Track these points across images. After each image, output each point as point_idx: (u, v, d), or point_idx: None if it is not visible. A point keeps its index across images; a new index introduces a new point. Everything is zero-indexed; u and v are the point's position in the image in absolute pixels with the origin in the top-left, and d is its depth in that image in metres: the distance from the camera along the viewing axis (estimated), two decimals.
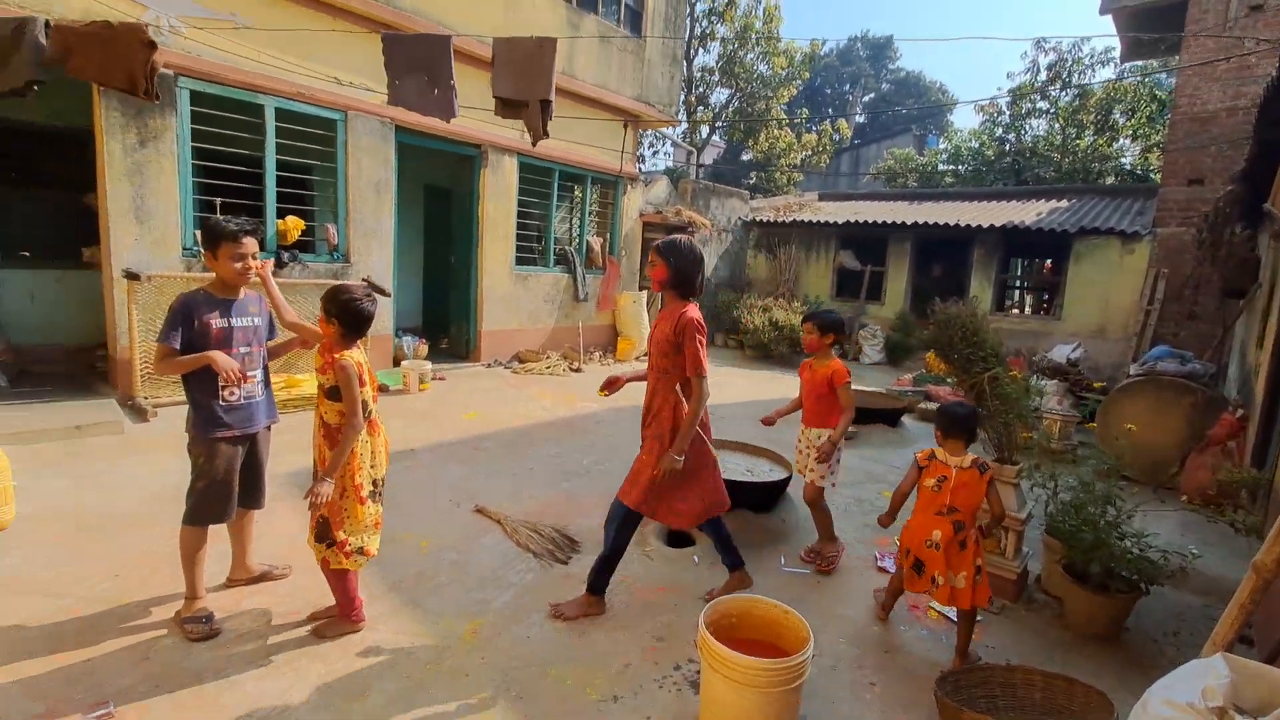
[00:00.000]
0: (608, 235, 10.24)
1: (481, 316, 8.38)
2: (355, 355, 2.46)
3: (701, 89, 18.31)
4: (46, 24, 2.50)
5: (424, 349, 7.80)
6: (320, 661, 2.45)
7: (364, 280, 6.75)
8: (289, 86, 6.10)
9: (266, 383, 2.75)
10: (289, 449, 4.06)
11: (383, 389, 6.64)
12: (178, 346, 2.47)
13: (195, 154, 5.68)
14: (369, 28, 6.52)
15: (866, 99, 35.18)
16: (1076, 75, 16.66)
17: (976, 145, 18.04)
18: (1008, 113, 17.72)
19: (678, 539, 3.68)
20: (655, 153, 21.39)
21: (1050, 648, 2.92)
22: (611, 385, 3.07)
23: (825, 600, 3.20)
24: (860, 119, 34.06)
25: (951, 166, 18.52)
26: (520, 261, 8.83)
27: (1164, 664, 2.77)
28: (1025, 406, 3.41)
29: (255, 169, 6.03)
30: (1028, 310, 14.07)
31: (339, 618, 2.62)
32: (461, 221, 8.49)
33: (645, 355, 9.64)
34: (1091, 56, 16.47)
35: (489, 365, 8.39)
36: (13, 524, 3.27)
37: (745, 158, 27.58)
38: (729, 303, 11.95)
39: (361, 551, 2.51)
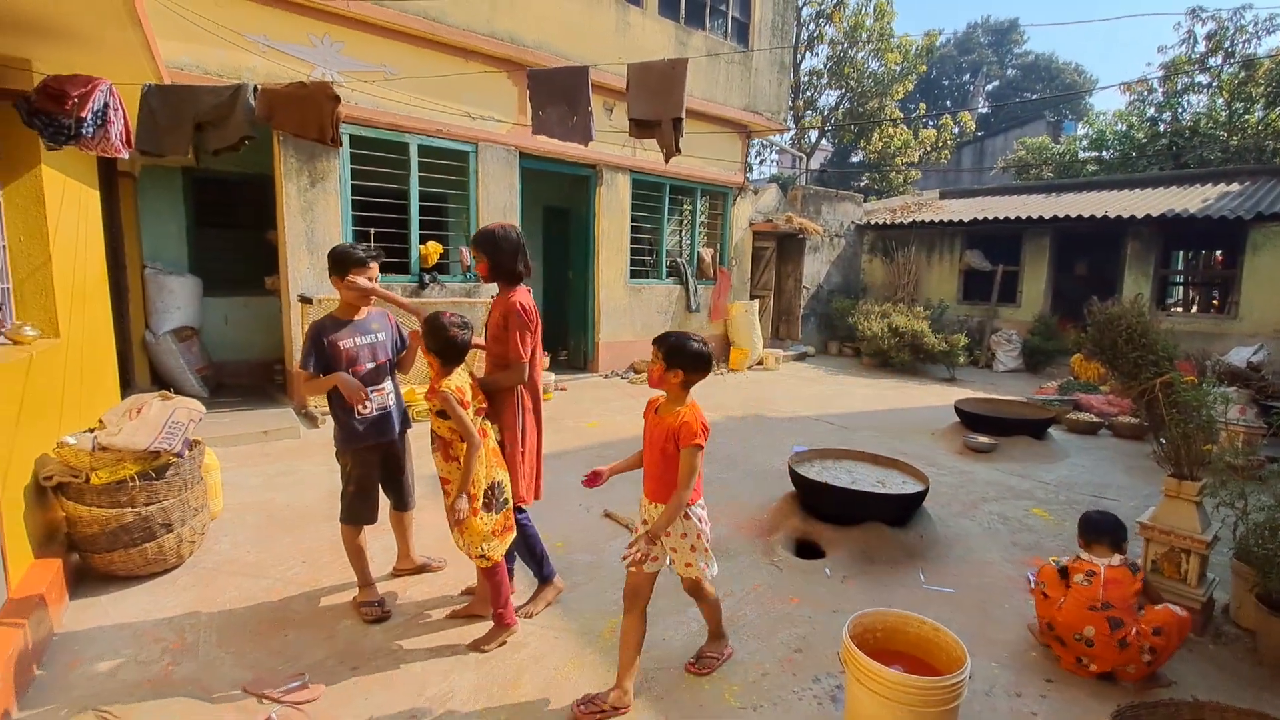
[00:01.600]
0: (718, 246, 10.27)
1: (598, 328, 8.69)
2: (454, 381, 2.53)
3: (810, 93, 17.93)
4: (255, 88, 2.98)
5: (546, 360, 8.20)
6: (476, 650, 2.65)
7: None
8: (429, 125, 6.72)
9: (397, 393, 2.95)
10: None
11: None
12: (313, 370, 2.70)
13: (353, 190, 6.40)
14: (497, 66, 7.07)
15: (990, 88, 32.78)
16: (1240, 45, 14.59)
17: (1124, 128, 16.24)
18: (1160, 90, 15.82)
19: (806, 550, 3.62)
20: (762, 160, 21.18)
21: (1241, 685, 2.57)
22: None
23: (973, 622, 3.02)
24: (983, 109, 31.77)
25: (1094, 153, 16.77)
26: (634, 275, 9.08)
27: None
28: (1208, 415, 3.03)
29: (400, 200, 6.69)
30: (1194, 308, 12.43)
31: (494, 626, 2.72)
32: (578, 238, 8.87)
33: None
34: (1256, 24, 14.41)
35: (606, 376, 8.67)
36: (222, 514, 3.82)
37: (855, 159, 26.62)
38: (843, 309, 11.56)
39: (484, 557, 2.60)
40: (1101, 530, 2.65)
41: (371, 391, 2.78)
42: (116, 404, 4.28)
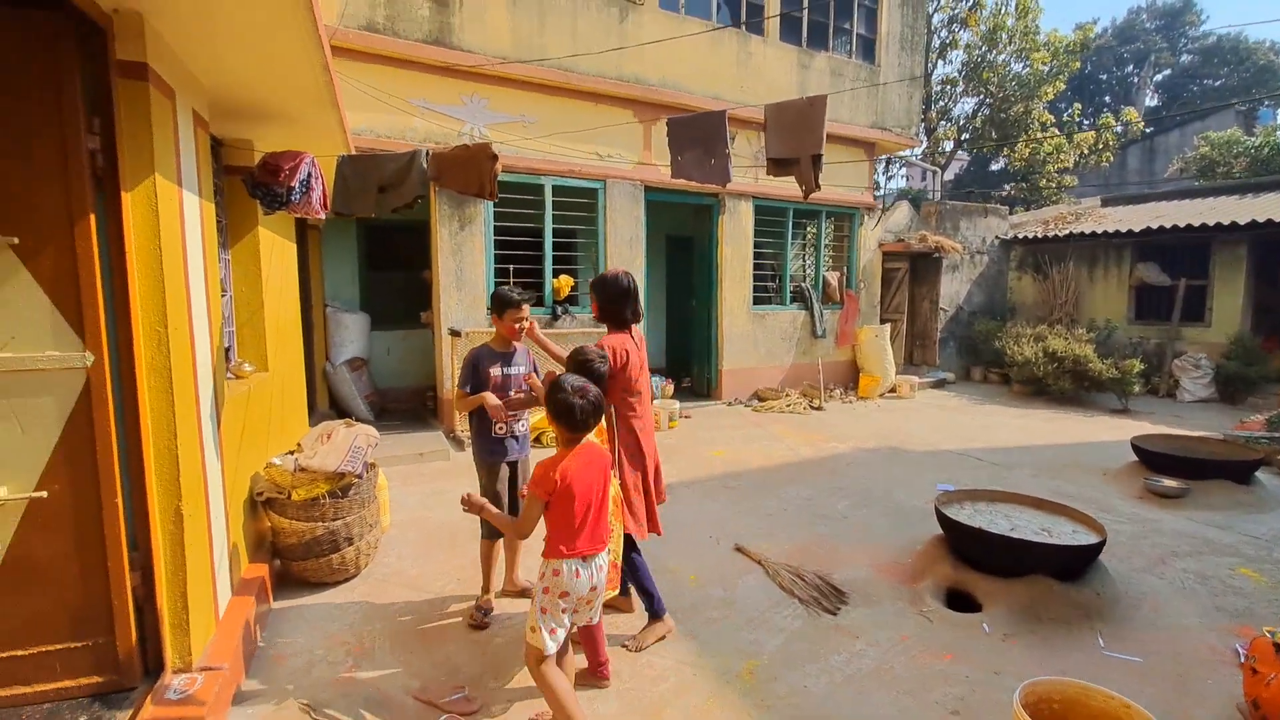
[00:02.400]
0: (844, 268, 9.93)
1: (722, 356, 8.69)
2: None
3: (943, 102, 16.94)
4: (427, 153, 3.38)
5: (670, 388, 8.33)
6: (616, 679, 2.72)
7: None
8: (562, 166, 7.17)
9: (525, 421, 3.32)
10: None
11: None
12: (468, 390, 3.10)
13: (495, 231, 6.95)
14: (624, 106, 7.43)
15: (1159, 78, 29.08)
16: None
17: None
18: None
19: (958, 601, 3.36)
20: (890, 177, 20.25)
21: None
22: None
23: (1166, 698, 2.63)
24: (1151, 103, 28.24)
25: None
26: (757, 301, 9.00)
27: None
28: None
29: (535, 237, 7.17)
30: None
31: (588, 671, 2.67)
32: (701, 266, 8.97)
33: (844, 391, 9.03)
34: None
35: (730, 403, 8.62)
36: (389, 529, 4.25)
37: (994, 168, 24.64)
38: (988, 332, 10.67)
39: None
40: None
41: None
42: (305, 428, 4.92)
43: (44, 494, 2.09)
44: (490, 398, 3.05)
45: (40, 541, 2.11)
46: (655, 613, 3.02)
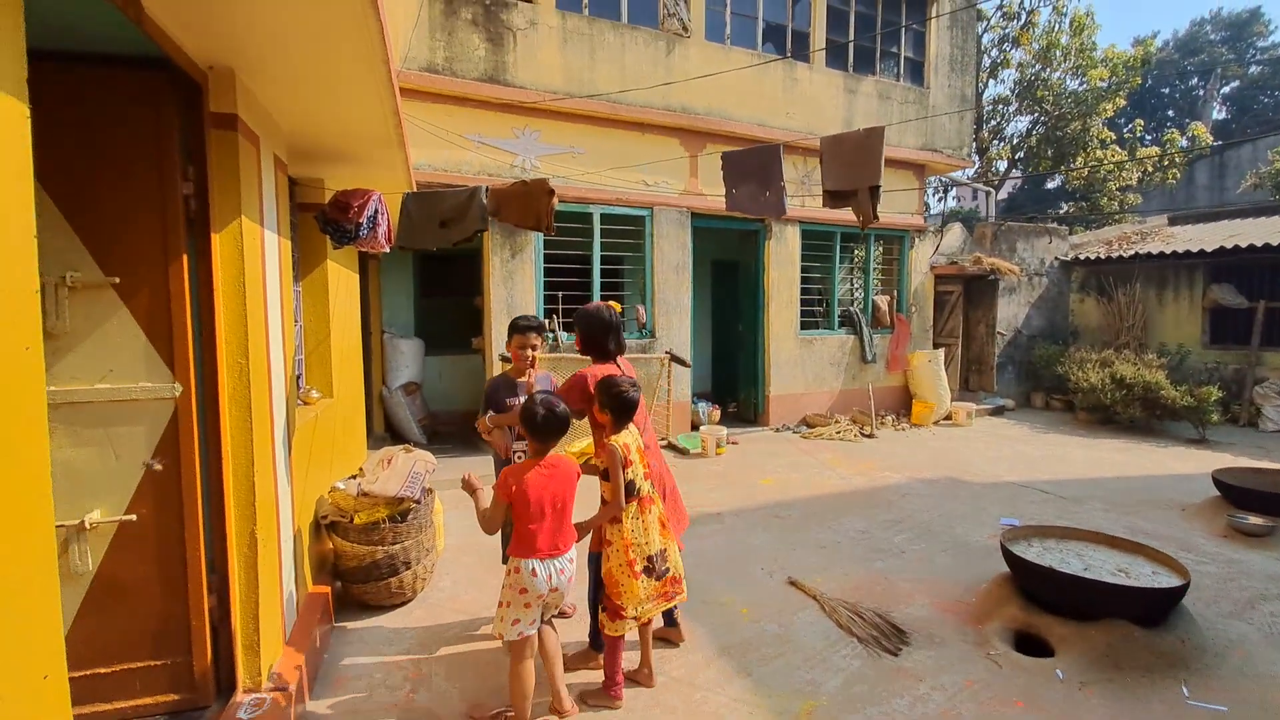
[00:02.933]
0: (895, 292, 9.73)
1: (769, 381, 8.60)
2: (622, 438, 2.71)
3: (995, 121, 16.58)
4: (486, 189, 3.51)
5: (716, 414, 8.27)
6: (671, 715, 2.68)
7: (667, 353, 7.52)
8: (610, 194, 7.30)
9: None
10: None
11: (682, 452, 7.20)
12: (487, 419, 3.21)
13: (544, 259, 7.11)
14: (670, 135, 7.55)
15: (1226, 90, 27.80)
16: None
17: None
18: None
19: (1028, 644, 3.19)
20: (941, 199, 19.85)
21: None
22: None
23: None
24: (1219, 116, 26.99)
25: None
26: (804, 326, 8.90)
27: None
28: None
29: (583, 265, 7.30)
30: None
31: (603, 688, 2.74)
32: (747, 291, 8.94)
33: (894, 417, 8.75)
34: None
35: (778, 430, 8.50)
36: (444, 553, 4.32)
37: (1050, 187, 23.87)
38: (1049, 357, 10.25)
39: (636, 618, 2.67)
40: None
41: (518, 440, 3.16)
42: (364, 451, 5.08)
43: (133, 517, 2.22)
44: (495, 425, 3.17)
45: (127, 563, 2.23)
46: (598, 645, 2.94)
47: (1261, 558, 4.31)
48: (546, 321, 7.09)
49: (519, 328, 3.25)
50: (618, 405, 2.73)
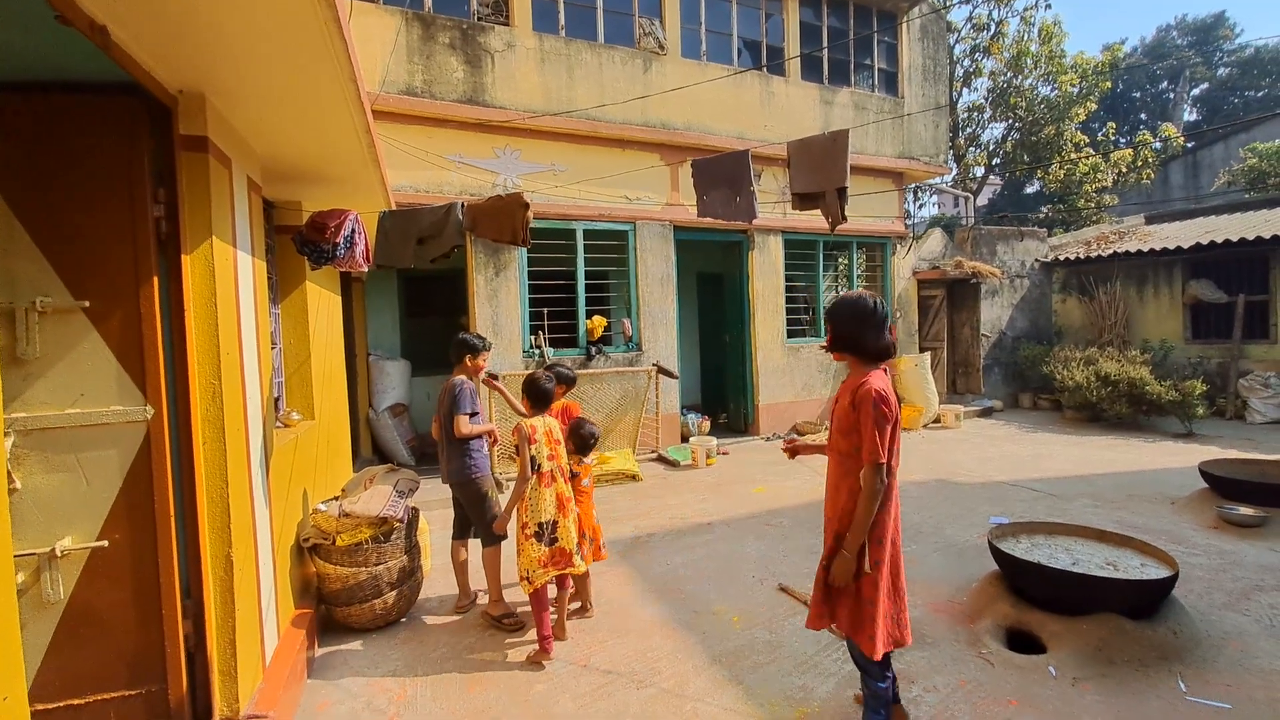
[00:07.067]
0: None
1: (758, 390, 8.61)
2: (533, 421, 3.25)
3: (971, 128, 16.87)
4: (462, 205, 3.53)
5: (706, 425, 8.26)
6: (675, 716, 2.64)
7: (654, 365, 7.52)
8: (592, 210, 7.35)
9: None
10: (627, 516, 4.59)
11: (673, 465, 7.17)
12: (472, 417, 3.58)
13: (529, 276, 7.12)
14: (650, 150, 7.62)
15: (1196, 93, 28.46)
16: None
17: None
18: None
19: (1020, 641, 3.17)
20: (921, 205, 20.10)
21: None
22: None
23: None
24: (1190, 117, 27.61)
25: None
26: (791, 334, 8.94)
27: None
28: None
29: (568, 280, 7.32)
30: None
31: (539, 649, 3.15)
32: (733, 302, 8.98)
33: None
34: None
35: (768, 438, 8.49)
36: (430, 573, 4.26)
37: (1028, 191, 24.25)
38: (1034, 357, 10.34)
39: (528, 580, 3.10)
40: None
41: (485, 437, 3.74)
42: (350, 474, 5.03)
43: (105, 543, 2.18)
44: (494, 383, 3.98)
45: (100, 590, 2.19)
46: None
47: (1253, 548, 4.32)
48: (532, 338, 7.09)
49: (486, 348, 3.79)
50: (534, 393, 3.32)
